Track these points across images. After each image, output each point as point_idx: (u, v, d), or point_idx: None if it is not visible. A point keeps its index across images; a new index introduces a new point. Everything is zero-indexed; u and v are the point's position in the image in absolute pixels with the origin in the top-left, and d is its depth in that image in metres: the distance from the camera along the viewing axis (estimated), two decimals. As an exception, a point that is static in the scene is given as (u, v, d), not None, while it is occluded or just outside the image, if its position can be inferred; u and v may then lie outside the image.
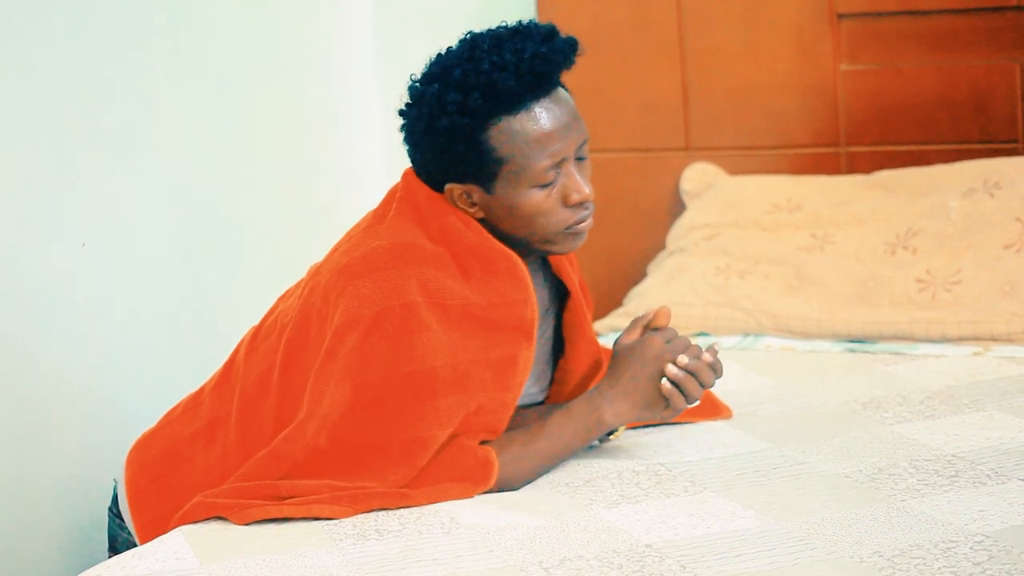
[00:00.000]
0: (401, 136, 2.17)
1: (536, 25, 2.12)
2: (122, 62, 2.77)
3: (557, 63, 2.09)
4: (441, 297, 2.07)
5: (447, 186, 2.13)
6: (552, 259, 2.28)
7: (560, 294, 2.31)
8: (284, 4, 3.26)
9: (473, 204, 2.13)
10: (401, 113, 2.15)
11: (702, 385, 2.14)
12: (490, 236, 2.13)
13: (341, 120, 3.44)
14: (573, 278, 2.29)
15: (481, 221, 2.15)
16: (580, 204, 2.13)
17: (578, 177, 2.12)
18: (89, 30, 2.69)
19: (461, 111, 2.06)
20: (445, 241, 2.11)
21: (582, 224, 2.14)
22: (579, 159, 2.14)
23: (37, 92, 2.58)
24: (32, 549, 2.56)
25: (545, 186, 2.10)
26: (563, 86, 2.15)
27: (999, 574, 1.69)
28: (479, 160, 2.09)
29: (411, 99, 2.14)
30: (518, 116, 2.08)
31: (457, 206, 2.14)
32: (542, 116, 2.09)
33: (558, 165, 2.11)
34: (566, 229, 2.13)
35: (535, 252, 2.17)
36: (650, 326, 2.19)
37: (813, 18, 3.30)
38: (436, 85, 2.09)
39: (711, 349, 2.16)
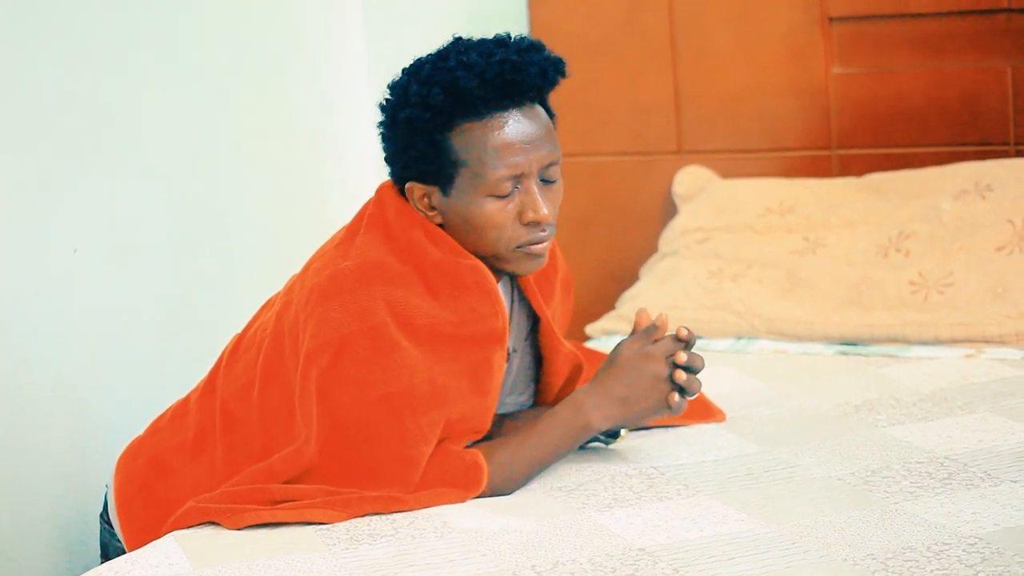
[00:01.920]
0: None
1: (523, 39, 2.11)
2: (114, 66, 2.77)
3: (528, 74, 2.06)
4: (409, 317, 2.06)
5: (408, 185, 2.12)
6: (521, 281, 2.26)
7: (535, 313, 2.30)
8: (275, 8, 3.25)
9: (432, 208, 2.12)
10: (380, 107, 2.15)
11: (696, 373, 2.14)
12: (458, 249, 2.11)
13: (333, 124, 3.44)
14: (541, 303, 2.25)
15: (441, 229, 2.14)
16: (536, 224, 2.09)
17: (538, 196, 2.08)
18: (82, 34, 2.68)
19: (422, 105, 2.06)
20: (412, 258, 2.10)
21: (536, 246, 2.11)
22: (546, 181, 2.11)
23: (29, 96, 2.57)
24: (24, 555, 2.56)
25: (501, 198, 2.08)
26: (547, 106, 2.14)
27: (992, 576, 1.69)
28: (437, 160, 2.08)
29: (388, 91, 2.14)
30: (481, 121, 2.06)
31: (417, 208, 2.13)
32: (506, 126, 2.06)
33: (517, 179, 2.08)
34: (517, 247, 2.11)
35: (492, 268, 2.15)
36: (656, 337, 2.16)
37: (805, 21, 3.30)
38: (405, 80, 2.10)
39: (690, 334, 2.14)
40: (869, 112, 3.26)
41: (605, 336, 3.10)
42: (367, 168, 3.49)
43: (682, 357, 2.11)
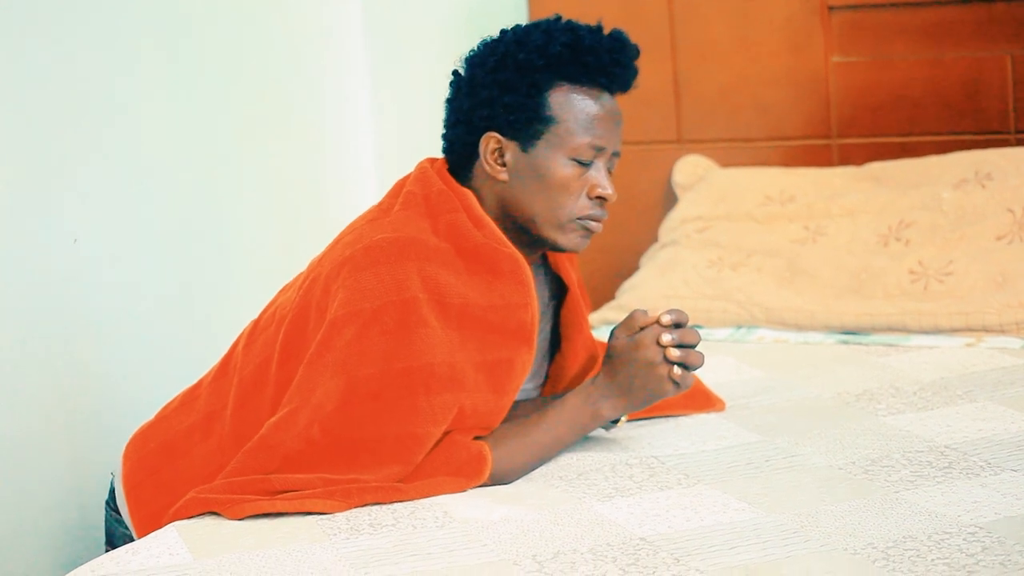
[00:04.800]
0: (452, 88, 2.20)
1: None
2: (116, 62, 2.77)
3: (629, 62, 2.16)
4: (441, 295, 2.07)
5: (485, 136, 2.15)
6: (551, 257, 2.28)
7: (558, 291, 2.31)
8: (276, 7, 3.25)
9: (502, 164, 2.15)
10: (474, 56, 2.18)
11: (692, 347, 2.13)
12: (498, 236, 2.13)
13: (332, 118, 3.44)
14: (572, 275, 2.29)
15: (498, 201, 2.14)
16: (600, 201, 2.16)
17: (606, 177, 2.16)
18: (83, 30, 2.68)
19: (540, 53, 2.12)
20: (451, 237, 2.11)
21: (593, 223, 2.17)
22: (608, 168, 2.18)
23: (31, 90, 2.57)
24: (28, 544, 2.56)
25: (580, 164, 2.14)
26: None
27: (992, 565, 1.69)
28: (532, 113, 2.13)
29: (480, 46, 2.18)
30: (582, 89, 2.14)
31: (485, 161, 2.15)
32: (601, 101, 2.15)
33: (597, 153, 2.15)
34: (578, 219, 2.15)
35: (539, 243, 2.17)
36: (643, 324, 2.16)
37: (804, 11, 3.30)
38: (520, 30, 2.17)
39: (676, 314, 2.13)
40: (869, 101, 3.26)
41: (605, 326, 3.10)
42: (366, 166, 3.49)
43: (666, 338, 2.10)
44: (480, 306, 2.10)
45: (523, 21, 3.50)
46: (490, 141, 2.15)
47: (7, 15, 2.53)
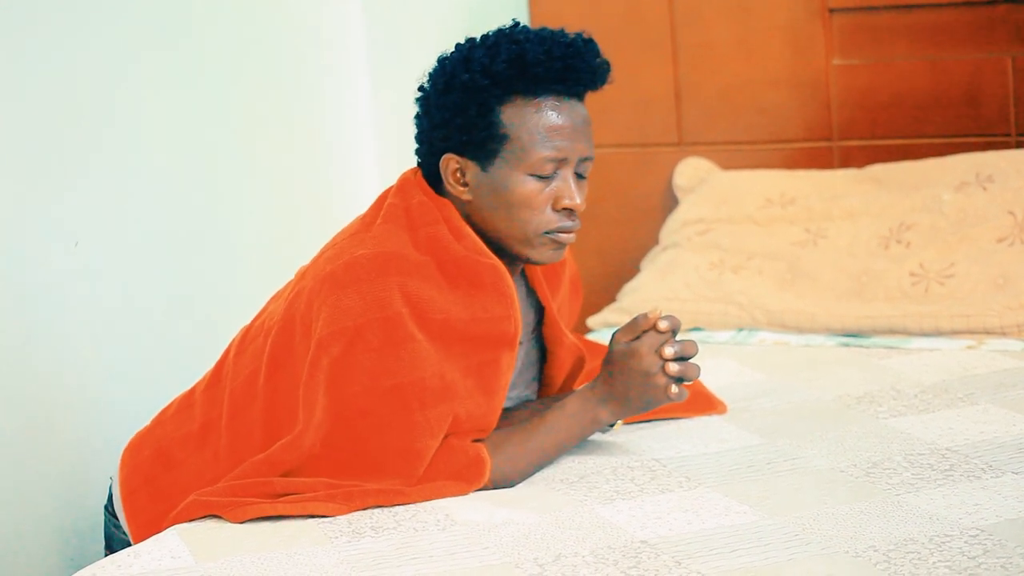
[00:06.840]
0: (415, 106, 2.17)
1: (583, 35, 2.14)
2: (115, 62, 2.76)
3: (587, 65, 2.10)
4: (423, 310, 2.06)
5: (444, 157, 2.12)
6: (528, 272, 2.27)
7: (541, 304, 2.30)
8: (276, 7, 3.25)
9: (464, 184, 2.12)
10: (429, 75, 2.16)
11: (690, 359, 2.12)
12: (479, 247, 2.11)
13: (333, 121, 3.44)
14: (547, 294, 2.27)
15: (466, 219, 2.14)
16: (568, 212, 2.11)
17: (573, 185, 2.11)
18: (84, 30, 2.68)
19: (484, 72, 2.07)
20: (432, 250, 2.10)
21: (564, 235, 2.12)
22: (579, 176, 2.13)
23: (31, 91, 2.57)
24: (28, 548, 2.56)
25: (541, 179, 2.09)
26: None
27: (994, 568, 1.69)
28: (485, 133, 2.08)
29: (437, 63, 2.15)
30: (534, 101, 2.09)
31: (448, 183, 2.12)
32: (557, 109, 2.09)
33: (558, 164, 2.10)
34: (546, 233, 2.11)
35: (513, 258, 2.16)
36: (644, 327, 2.15)
37: (805, 13, 3.30)
38: (467, 47, 2.12)
39: (671, 320, 2.11)
40: (870, 103, 3.26)
41: (606, 328, 3.10)
42: (367, 166, 3.49)
43: (668, 352, 2.09)
44: (462, 319, 2.09)
45: (524, 21, 3.49)
46: (450, 162, 2.12)
47: (7, 15, 2.53)
